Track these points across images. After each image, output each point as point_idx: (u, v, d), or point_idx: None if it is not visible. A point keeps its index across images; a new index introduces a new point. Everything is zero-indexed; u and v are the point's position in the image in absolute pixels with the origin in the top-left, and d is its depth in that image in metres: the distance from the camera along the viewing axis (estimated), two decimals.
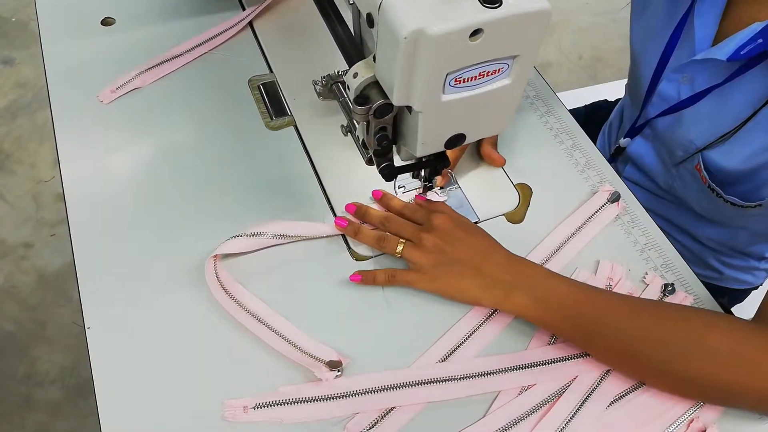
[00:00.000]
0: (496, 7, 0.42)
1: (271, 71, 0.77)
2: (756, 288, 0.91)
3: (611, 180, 0.70)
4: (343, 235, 0.65)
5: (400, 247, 0.61)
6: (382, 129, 0.52)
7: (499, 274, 0.59)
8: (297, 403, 0.54)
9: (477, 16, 0.41)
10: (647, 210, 0.69)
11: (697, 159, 0.70)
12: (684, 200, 0.79)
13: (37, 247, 1.51)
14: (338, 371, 0.55)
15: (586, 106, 1.07)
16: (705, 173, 0.70)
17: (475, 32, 0.42)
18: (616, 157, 0.87)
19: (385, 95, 0.48)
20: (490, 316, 0.59)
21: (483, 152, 0.70)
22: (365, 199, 0.67)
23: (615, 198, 0.68)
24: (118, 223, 0.64)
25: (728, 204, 0.69)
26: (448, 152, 0.56)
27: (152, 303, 0.59)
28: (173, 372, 0.56)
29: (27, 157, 1.66)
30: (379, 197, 0.66)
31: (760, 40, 0.60)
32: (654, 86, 0.75)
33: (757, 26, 0.61)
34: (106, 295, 0.59)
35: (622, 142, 0.84)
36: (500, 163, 0.70)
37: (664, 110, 0.74)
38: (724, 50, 0.63)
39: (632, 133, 0.82)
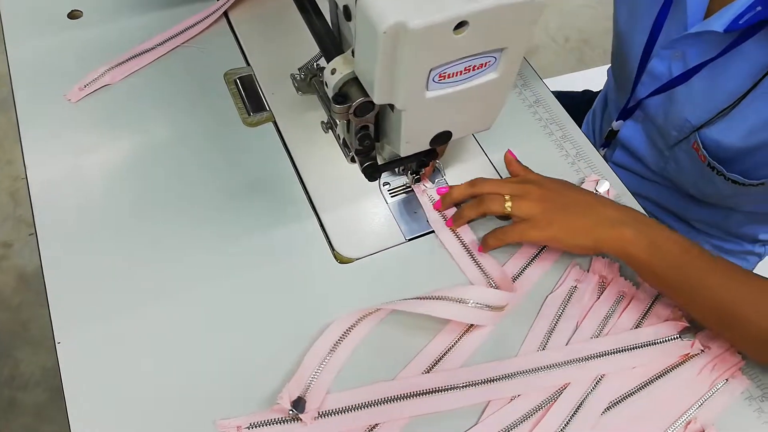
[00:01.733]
0: None
1: (248, 64, 0.74)
2: None
3: (602, 171, 0.68)
4: (327, 237, 0.62)
5: (509, 203, 0.58)
6: (363, 128, 0.49)
7: (612, 213, 0.57)
8: (292, 421, 0.51)
9: (462, 7, 0.39)
10: (636, 195, 0.67)
11: (693, 138, 0.68)
12: (676, 182, 0.77)
13: (16, 247, 1.48)
14: (293, 411, 0.51)
15: (568, 93, 1.04)
16: (704, 151, 0.67)
17: (460, 25, 0.39)
18: (608, 142, 0.84)
19: (365, 93, 0.45)
20: (472, 325, 0.57)
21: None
22: (348, 197, 0.64)
23: (603, 188, 0.66)
24: (88, 229, 0.61)
25: (729, 182, 0.67)
26: None
27: (127, 315, 0.56)
28: (156, 390, 0.53)
29: (2, 153, 1.61)
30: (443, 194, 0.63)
31: (759, 8, 0.57)
32: (643, 66, 0.72)
33: None
34: (77, 308, 0.56)
35: (615, 125, 0.81)
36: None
37: (655, 89, 0.72)
38: (720, 21, 0.61)
39: (624, 115, 0.80)
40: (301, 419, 0.51)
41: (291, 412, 0.51)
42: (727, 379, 0.55)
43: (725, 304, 0.53)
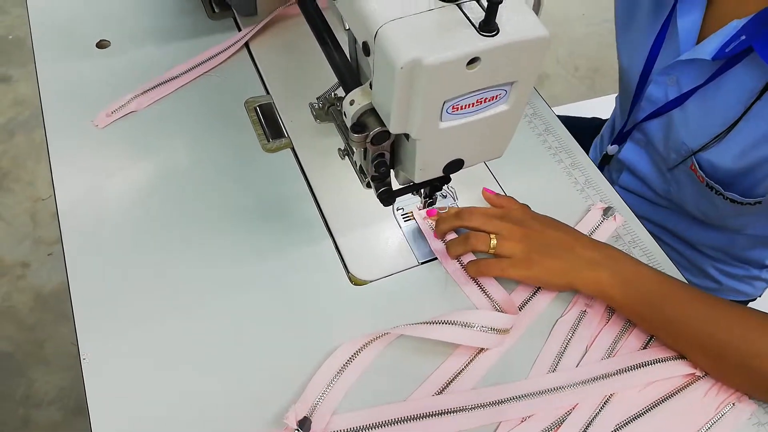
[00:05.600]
0: (493, 35, 0.41)
1: (267, 93, 0.77)
2: (754, 299, 0.91)
3: (611, 198, 0.70)
4: (342, 260, 0.64)
5: (493, 242, 0.60)
6: (379, 156, 0.51)
7: (589, 254, 0.59)
8: None
9: (474, 44, 0.41)
10: (643, 219, 0.69)
11: (690, 160, 0.70)
12: (681, 205, 0.79)
13: (34, 266, 1.50)
14: (299, 431, 0.52)
15: (577, 119, 1.06)
16: (701, 172, 0.69)
17: (473, 60, 0.42)
18: (603, 166, 0.86)
19: (382, 122, 0.48)
20: (482, 349, 0.58)
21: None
22: (363, 221, 0.66)
23: (610, 213, 0.67)
24: (114, 248, 0.63)
25: (728, 201, 0.69)
26: None
27: (150, 331, 0.58)
28: (170, 407, 0.55)
29: (24, 175, 1.65)
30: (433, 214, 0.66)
31: (743, 37, 0.60)
32: (641, 91, 0.75)
33: (738, 23, 0.61)
34: (102, 324, 0.58)
35: (609, 149, 0.84)
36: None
37: (652, 112, 0.74)
38: (707, 49, 0.63)
39: (619, 139, 0.82)
40: None
41: (296, 431, 0.52)
42: (734, 403, 0.55)
43: (703, 333, 0.55)
